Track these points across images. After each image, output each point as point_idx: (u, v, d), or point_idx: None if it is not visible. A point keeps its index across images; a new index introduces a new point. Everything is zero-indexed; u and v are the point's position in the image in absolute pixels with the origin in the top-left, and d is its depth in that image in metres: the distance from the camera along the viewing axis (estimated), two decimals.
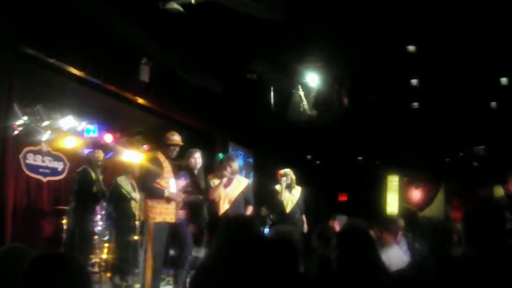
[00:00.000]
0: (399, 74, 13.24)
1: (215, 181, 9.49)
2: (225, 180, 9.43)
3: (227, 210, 9.28)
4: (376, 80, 13.48)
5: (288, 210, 11.48)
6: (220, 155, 10.96)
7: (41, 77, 9.92)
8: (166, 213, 8.73)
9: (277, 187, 11.65)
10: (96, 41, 9.89)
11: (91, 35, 9.73)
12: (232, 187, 9.54)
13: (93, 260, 11.05)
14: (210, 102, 13.95)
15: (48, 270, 2.76)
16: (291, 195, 11.56)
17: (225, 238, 4.49)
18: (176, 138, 9.00)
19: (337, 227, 8.94)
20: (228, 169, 9.45)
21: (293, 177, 11.70)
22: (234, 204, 9.37)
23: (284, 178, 11.57)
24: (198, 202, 9.87)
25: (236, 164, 9.79)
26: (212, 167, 11.51)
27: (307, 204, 11.89)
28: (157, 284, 8.61)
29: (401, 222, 8.34)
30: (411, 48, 11.63)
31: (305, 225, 11.65)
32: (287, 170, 11.74)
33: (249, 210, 9.73)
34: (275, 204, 11.73)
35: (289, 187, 11.57)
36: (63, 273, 2.76)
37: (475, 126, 16.50)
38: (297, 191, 11.68)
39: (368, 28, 10.67)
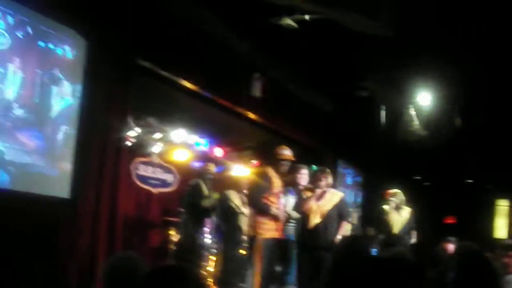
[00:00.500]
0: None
1: (307, 194, 9.37)
2: (318, 192, 9.29)
3: (318, 223, 9.13)
4: (490, 102, 13.13)
5: (396, 231, 11.28)
6: (314, 167, 10.75)
7: (155, 90, 10.07)
8: (275, 230, 8.71)
9: (386, 207, 11.46)
10: (210, 56, 10.00)
11: (205, 49, 9.84)
12: (325, 200, 9.37)
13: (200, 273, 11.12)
14: (320, 118, 13.92)
15: (167, 282, 2.74)
16: (399, 216, 11.35)
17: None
18: (287, 152, 8.97)
19: (450, 249, 8.68)
20: (323, 181, 9.31)
21: (403, 198, 11.48)
22: (326, 218, 9.18)
23: (393, 199, 11.38)
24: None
25: (330, 176, 9.63)
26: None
27: (416, 223, 11.67)
28: None
29: None
30: None
31: (413, 239, 11.41)
32: (397, 191, 11.54)
33: (343, 225, 9.54)
34: (383, 224, 11.53)
35: (397, 208, 11.36)
36: (182, 285, 2.74)
37: None
38: (406, 212, 11.45)
39: (484, 46, 10.40)
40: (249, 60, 11.02)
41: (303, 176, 9.68)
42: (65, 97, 7.78)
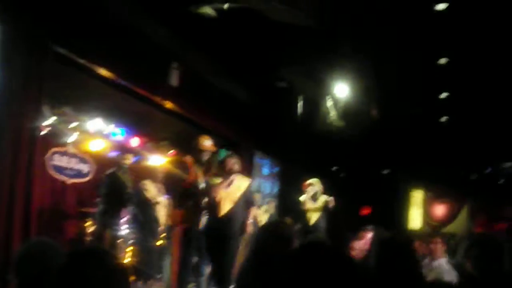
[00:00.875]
0: (429, 87, 13.14)
1: (215, 181, 9.22)
2: (227, 179, 9.19)
3: (229, 210, 9.04)
4: (406, 93, 13.37)
5: (312, 221, 11.40)
6: (222, 152, 10.63)
7: (71, 77, 9.88)
8: (193, 219, 8.65)
9: (302, 197, 11.56)
10: (127, 44, 9.85)
11: (122, 37, 9.68)
12: (234, 187, 9.28)
13: None
14: (238, 110, 13.89)
15: (85, 265, 2.67)
16: (316, 206, 11.47)
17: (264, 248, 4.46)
18: (208, 143, 8.91)
19: (369, 238, 8.77)
20: (231, 167, 9.20)
21: (320, 187, 11.60)
22: (237, 205, 9.10)
23: (309, 188, 11.49)
24: None
25: (238, 162, 9.53)
26: None
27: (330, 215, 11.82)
28: None
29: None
30: (442, 61, 11.53)
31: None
32: (313, 181, 11.65)
33: (251, 211, 9.55)
34: (300, 214, 11.64)
35: (314, 197, 11.47)
36: (101, 268, 2.67)
37: (504, 142, 16.30)
38: (322, 201, 11.58)
39: (400, 40, 10.59)
40: (167, 49, 10.91)
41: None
42: None
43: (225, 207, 8.97)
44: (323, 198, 11.61)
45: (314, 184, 11.56)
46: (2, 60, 7.78)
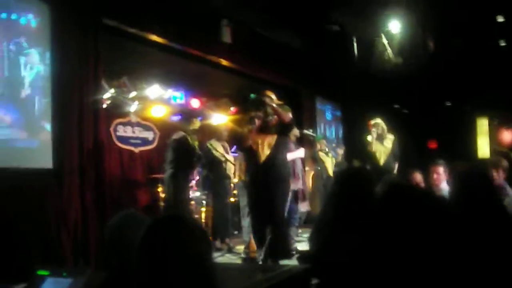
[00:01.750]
0: (484, 12, 12.81)
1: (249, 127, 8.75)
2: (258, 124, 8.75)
3: (268, 155, 8.30)
4: (461, 21, 13.07)
5: (382, 161, 11.29)
6: (252, 95, 10.01)
7: (124, 48, 9.93)
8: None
9: (369, 138, 11.45)
10: (176, 6, 9.84)
11: (169, 1, 9.66)
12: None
13: None
14: (293, 58, 13.80)
15: (164, 230, 2.66)
16: (383, 146, 11.35)
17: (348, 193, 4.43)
18: (273, 97, 8.72)
19: (441, 172, 8.59)
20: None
21: (384, 127, 11.46)
22: (275, 148, 8.39)
23: (374, 129, 11.37)
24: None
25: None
26: (299, 124, 11.33)
27: (400, 152, 11.67)
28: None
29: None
30: None
31: (397, 173, 11.43)
32: (378, 121, 11.51)
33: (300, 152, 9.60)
34: (368, 156, 11.53)
35: (380, 137, 11.35)
36: (180, 231, 2.66)
37: None
38: (389, 141, 11.45)
39: None
40: (216, 7, 10.86)
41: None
42: (34, 66, 7.64)
43: (264, 152, 8.55)
44: (389, 138, 11.47)
45: (378, 124, 11.41)
46: (56, 40, 7.84)
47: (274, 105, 8.03)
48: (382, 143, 11.34)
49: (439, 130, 20.26)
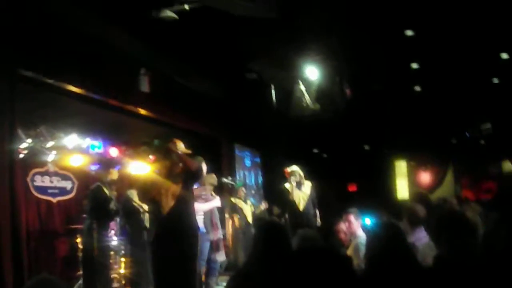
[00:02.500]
0: (399, 60, 13.19)
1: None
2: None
3: (172, 207, 7.85)
4: (377, 68, 13.40)
5: (301, 208, 11.41)
6: (156, 142, 9.87)
7: (41, 98, 9.86)
8: None
9: (287, 185, 11.58)
10: (93, 57, 9.82)
11: (87, 51, 9.65)
12: None
13: (112, 276, 10.96)
14: (212, 106, 13.91)
15: None
16: (301, 192, 11.50)
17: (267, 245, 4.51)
18: (181, 146, 8.75)
19: (352, 220, 8.77)
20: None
21: (301, 173, 11.62)
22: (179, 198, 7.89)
23: (292, 177, 11.51)
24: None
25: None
26: (218, 171, 11.40)
27: (319, 198, 11.83)
28: None
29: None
30: (409, 32, 11.58)
31: (318, 220, 11.58)
32: (294, 168, 11.66)
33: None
34: (287, 203, 11.64)
35: (298, 184, 11.50)
36: None
37: (479, 104, 16.44)
38: (307, 187, 11.61)
39: (365, 16, 10.61)
40: (134, 57, 10.90)
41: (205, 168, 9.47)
42: None
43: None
44: (307, 184, 11.62)
45: (295, 172, 11.56)
46: None
47: (179, 152, 7.74)
48: (300, 189, 11.48)
49: (358, 173, 20.64)
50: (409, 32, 11.54)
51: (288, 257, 4.03)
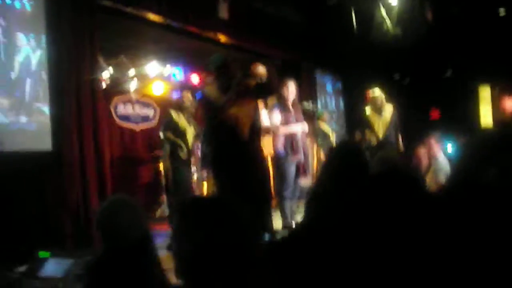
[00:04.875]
0: None
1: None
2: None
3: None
4: None
5: (380, 134, 11.27)
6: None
7: (121, 27, 9.92)
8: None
9: (367, 110, 11.42)
10: None
11: None
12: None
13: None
14: (292, 31, 13.73)
15: None
16: (381, 117, 11.32)
17: (336, 166, 4.45)
18: (262, 69, 8.65)
19: (433, 144, 8.64)
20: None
21: (383, 97, 11.41)
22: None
23: (373, 102, 11.34)
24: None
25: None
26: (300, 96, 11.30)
27: (401, 123, 11.63)
28: None
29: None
30: None
31: (401, 144, 11.40)
32: (376, 93, 11.45)
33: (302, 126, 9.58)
34: (367, 127, 11.51)
35: (378, 109, 11.30)
36: None
37: None
38: (388, 111, 11.40)
39: None
40: None
41: (290, 89, 9.46)
42: (30, 49, 7.66)
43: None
44: (387, 109, 11.41)
45: (376, 95, 11.36)
46: (52, 23, 7.86)
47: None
48: (380, 114, 11.30)
49: (441, 100, 20.23)
50: None
51: (363, 179, 4.02)
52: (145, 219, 3.79)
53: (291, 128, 9.55)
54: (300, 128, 9.74)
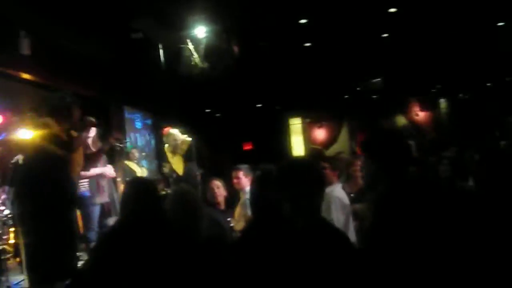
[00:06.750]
0: (287, 15, 13.14)
1: None
2: None
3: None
4: (265, 24, 13.34)
5: (179, 168, 11.39)
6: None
7: None
8: None
9: (166, 147, 11.56)
10: None
11: None
12: None
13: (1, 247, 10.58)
14: (98, 69, 13.55)
15: None
16: (177, 152, 11.43)
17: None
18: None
19: (241, 176, 8.70)
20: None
21: (178, 136, 11.52)
22: None
23: (169, 140, 11.48)
24: None
25: None
26: (106, 135, 11.13)
27: (200, 154, 11.77)
28: None
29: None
30: None
31: (198, 177, 11.44)
32: (170, 131, 11.58)
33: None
34: (168, 162, 11.67)
35: (174, 145, 11.42)
36: None
37: (369, 59, 16.61)
38: (184, 146, 11.51)
39: None
40: (13, 18, 10.46)
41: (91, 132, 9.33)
42: None
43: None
44: (186, 143, 11.50)
45: (171, 131, 11.50)
46: None
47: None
48: (176, 149, 11.42)
49: (253, 132, 20.66)
50: None
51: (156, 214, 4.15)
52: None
53: (95, 170, 9.50)
54: (105, 169, 9.70)
